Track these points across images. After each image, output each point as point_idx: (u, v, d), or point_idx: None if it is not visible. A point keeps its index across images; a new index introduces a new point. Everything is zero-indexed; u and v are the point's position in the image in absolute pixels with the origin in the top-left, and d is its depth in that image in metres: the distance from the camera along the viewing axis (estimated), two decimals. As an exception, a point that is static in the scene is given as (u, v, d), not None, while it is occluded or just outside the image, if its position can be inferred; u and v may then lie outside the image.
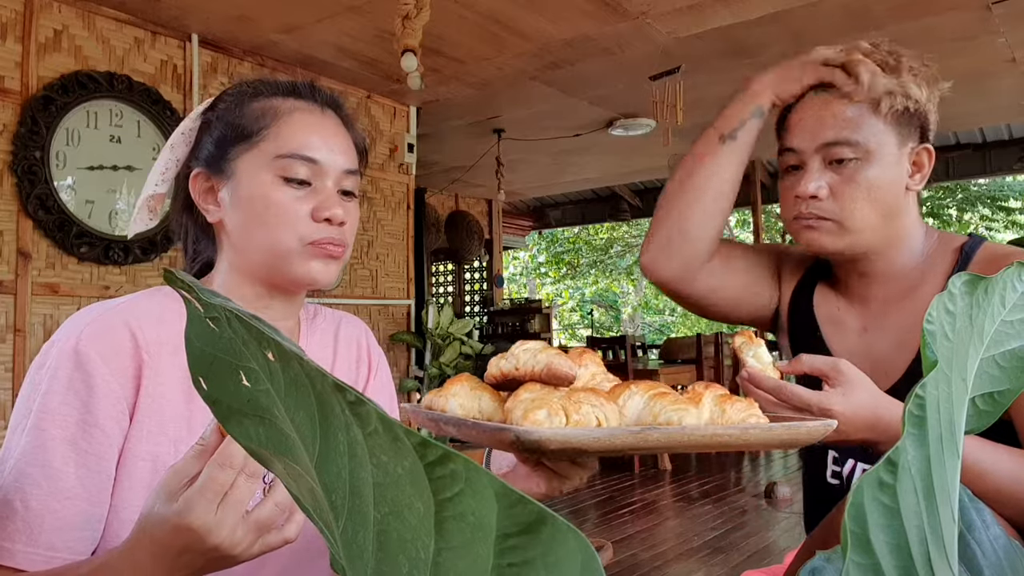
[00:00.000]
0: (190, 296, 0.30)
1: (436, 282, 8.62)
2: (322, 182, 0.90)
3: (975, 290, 0.30)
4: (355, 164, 0.94)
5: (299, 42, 3.72)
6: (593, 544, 1.10)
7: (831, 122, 0.99)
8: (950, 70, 4.90)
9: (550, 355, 0.64)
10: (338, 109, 0.96)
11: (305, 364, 0.23)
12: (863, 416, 0.84)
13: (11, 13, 2.99)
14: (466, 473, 0.19)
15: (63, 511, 0.75)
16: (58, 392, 0.77)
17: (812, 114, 1.01)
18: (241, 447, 0.29)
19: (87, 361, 0.78)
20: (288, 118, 0.90)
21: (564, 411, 0.57)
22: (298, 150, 0.88)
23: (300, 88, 0.94)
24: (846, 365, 0.85)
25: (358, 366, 1.06)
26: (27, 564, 0.73)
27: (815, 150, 1.00)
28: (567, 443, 0.54)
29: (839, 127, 0.99)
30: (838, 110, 0.99)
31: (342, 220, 0.90)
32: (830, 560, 0.36)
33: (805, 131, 1.01)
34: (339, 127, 0.94)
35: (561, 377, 0.62)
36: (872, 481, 0.22)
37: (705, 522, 4.17)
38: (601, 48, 3.86)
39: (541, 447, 0.53)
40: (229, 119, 0.91)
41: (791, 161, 1.03)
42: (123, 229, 3.28)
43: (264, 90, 0.93)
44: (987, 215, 11.60)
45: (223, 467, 0.63)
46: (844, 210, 0.99)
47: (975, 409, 0.33)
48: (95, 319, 0.82)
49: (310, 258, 0.88)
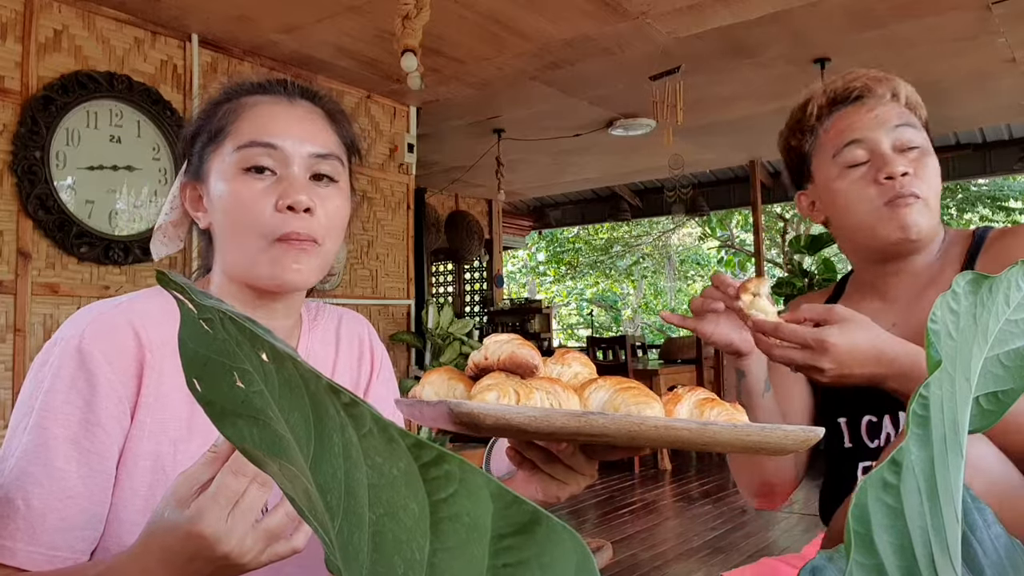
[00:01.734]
0: (183, 297, 0.30)
1: (436, 282, 8.62)
2: (287, 170, 0.85)
3: (979, 289, 0.29)
4: (328, 148, 0.89)
5: (299, 42, 3.72)
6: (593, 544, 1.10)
7: (891, 114, 1.07)
8: (950, 70, 4.91)
9: (514, 345, 0.63)
10: (314, 99, 0.93)
11: (299, 365, 0.23)
12: (863, 349, 0.86)
13: (11, 13, 2.99)
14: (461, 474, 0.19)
15: (65, 510, 0.75)
16: (61, 391, 0.77)
17: (865, 113, 1.07)
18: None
19: (90, 360, 0.78)
20: (251, 111, 0.88)
21: (516, 395, 0.56)
22: (256, 137, 0.85)
23: (268, 84, 0.92)
24: (841, 307, 0.88)
25: (360, 363, 1.04)
26: (29, 563, 0.73)
27: (885, 135, 1.05)
28: (501, 419, 0.52)
29: (900, 116, 1.07)
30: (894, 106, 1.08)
31: (307, 206, 0.83)
32: (832, 560, 0.36)
33: (869, 122, 1.06)
34: (311, 115, 0.90)
35: (523, 365, 0.62)
36: (876, 481, 0.22)
37: (705, 522, 4.17)
38: (601, 48, 3.85)
39: (474, 420, 0.51)
40: (203, 125, 0.91)
41: (859, 153, 1.06)
42: (123, 229, 3.28)
43: (234, 92, 0.92)
44: (987, 215, 11.60)
45: (236, 475, 0.63)
46: (930, 188, 1.05)
47: (979, 409, 0.33)
48: (97, 317, 0.81)
49: (279, 256, 0.84)
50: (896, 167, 1.03)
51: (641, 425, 0.54)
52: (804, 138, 1.15)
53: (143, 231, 3.33)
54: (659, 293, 16.41)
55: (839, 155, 1.08)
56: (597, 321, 15.88)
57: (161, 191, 3.41)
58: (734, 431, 0.56)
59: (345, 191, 0.92)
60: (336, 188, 0.90)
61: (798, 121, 1.16)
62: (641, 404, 0.58)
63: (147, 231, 3.34)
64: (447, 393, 0.65)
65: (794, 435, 0.57)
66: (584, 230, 14.59)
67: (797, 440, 0.57)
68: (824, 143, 1.12)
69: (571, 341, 15.43)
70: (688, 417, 0.60)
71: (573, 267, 15.91)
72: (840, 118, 1.10)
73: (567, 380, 0.67)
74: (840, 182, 1.08)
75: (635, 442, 0.56)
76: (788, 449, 0.58)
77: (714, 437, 0.56)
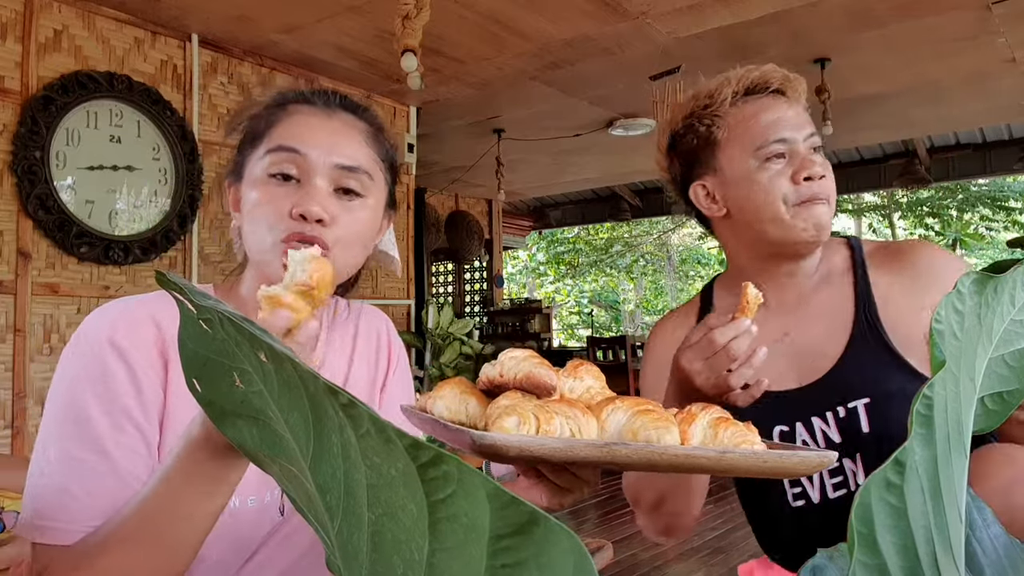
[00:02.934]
0: (183, 298, 0.29)
1: (436, 282, 8.62)
2: (310, 178, 0.85)
3: (984, 289, 0.29)
4: (356, 161, 0.88)
5: (299, 42, 3.71)
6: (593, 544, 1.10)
7: (804, 117, 1.10)
8: (950, 70, 4.90)
9: (531, 364, 0.63)
10: (355, 112, 0.93)
11: (298, 366, 0.23)
12: None
13: (11, 13, 2.99)
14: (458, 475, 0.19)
15: (118, 492, 0.76)
16: (99, 381, 0.79)
17: (786, 110, 1.09)
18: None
19: (123, 351, 0.80)
20: (289, 118, 0.89)
21: (536, 420, 0.56)
22: (284, 142, 0.86)
23: (311, 94, 0.93)
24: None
25: (377, 358, 1.05)
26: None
27: (803, 140, 1.07)
28: (524, 450, 0.52)
29: (809, 123, 1.10)
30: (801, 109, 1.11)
31: (319, 217, 0.82)
32: (832, 559, 0.36)
33: (791, 120, 1.08)
34: (346, 127, 0.90)
35: (541, 386, 0.62)
36: (879, 481, 0.22)
37: (705, 522, 4.16)
38: (601, 48, 3.85)
39: (498, 452, 0.52)
40: (246, 128, 0.93)
41: (780, 150, 1.07)
42: (123, 229, 3.28)
43: (280, 99, 0.93)
44: (987, 215, 11.60)
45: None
46: (833, 193, 1.08)
47: (984, 409, 0.33)
48: (123, 311, 0.84)
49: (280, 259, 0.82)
50: (815, 168, 1.05)
51: (663, 454, 0.55)
52: (713, 124, 1.11)
53: (143, 231, 3.33)
54: (660, 293, 16.42)
55: (764, 148, 1.06)
56: (597, 321, 15.88)
57: (161, 191, 3.41)
58: (752, 458, 0.57)
59: (374, 207, 0.90)
60: (362, 203, 0.88)
61: (705, 107, 1.12)
62: (660, 429, 0.59)
63: (147, 231, 3.34)
64: (459, 408, 0.65)
65: (808, 460, 0.58)
66: (584, 230, 14.60)
67: (811, 465, 0.59)
68: (741, 134, 1.08)
69: (571, 341, 15.42)
70: (702, 437, 0.62)
71: (573, 267, 15.91)
72: (762, 110, 1.08)
73: (580, 395, 0.67)
74: (760, 174, 1.06)
75: (655, 469, 0.57)
76: (802, 473, 0.59)
77: (733, 464, 0.57)
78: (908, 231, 12.55)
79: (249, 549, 0.86)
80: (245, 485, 0.84)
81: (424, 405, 0.67)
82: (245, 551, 0.86)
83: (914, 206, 11.58)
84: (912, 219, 12.03)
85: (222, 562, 0.84)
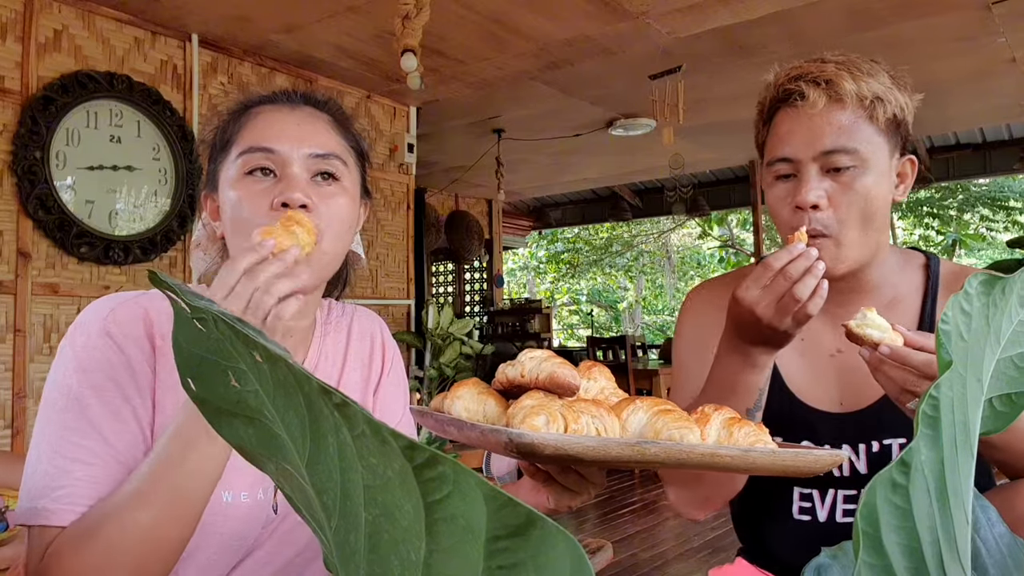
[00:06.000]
0: (176, 297, 0.29)
1: (436, 282, 8.62)
2: (286, 170, 0.86)
3: (992, 290, 0.29)
4: (328, 149, 0.89)
5: (299, 42, 3.71)
6: (593, 544, 1.10)
7: (827, 129, 0.95)
8: (950, 70, 4.89)
9: (554, 364, 0.63)
10: (316, 104, 0.94)
11: (292, 366, 0.23)
12: None
13: (11, 13, 2.99)
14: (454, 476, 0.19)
15: (118, 475, 0.78)
16: (95, 367, 0.81)
17: (805, 122, 0.97)
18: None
19: (118, 339, 0.83)
20: (254, 120, 0.90)
21: (563, 419, 0.57)
22: (255, 142, 0.87)
23: (273, 95, 0.94)
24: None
25: (371, 360, 1.05)
26: None
27: (812, 159, 0.96)
28: (560, 449, 0.53)
29: (836, 134, 0.95)
30: (833, 117, 0.96)
31: (302, 203, 0.83)
32: (835, 558, 0.35)
33: (800, 140, 0.97)
34: (311, 119, 0.91)
35: (564, 386, 0.62)
36: (885, 482, 0.22)
37: (705, 522, 4.16)
38: (601, 48, 3.85)
39: (534, 450, 0.53)
40: (214, 137, 0.94)
41: (785, 171, 0.98)
42: (123, 229, 3.28)
43: (242, 104, 0.94)
44: (987, 215, 11.60)
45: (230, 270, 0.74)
46: (840, 222, 0.96)
47: (992, 410, 0.33)
48: (119, 304, 0.86)
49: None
50: (808, 196, 0.94)
51: (690, 453, 0.58)
52: (762, 122, 1.06)
53: (143, 231, 3.33)
54: (659, 292, 16.43)
55: (771, 166, 1.01)
56: (597, 321, 15.89)
57: (161, 191, 3.41)
58: (773, 456, 0.60)
59: (350, 192, 0.91)
60: (339, 187, 0.89)
61: (759, 112, 1.07)
62: (683, 429, 0.61)
63: (147, 231, 3.34)
64: (478, 409, 0.65)
65: (823, 459, 0.62)
66: (584, 230, 14.61)
67: (825, 463, 0.62)
68: (768, 143, 1.03)
69: (571, 341, 15.43)
70: (717, 436, 0.65)
71: (573, 267, 15.93)
72: (780, 122, 1.01)
73: (594, 395, 0.69)
74: (770, 191, 1.02)
75: (682, 467, 0.60)
76: (816, 471, 0.62)
77: (754, 462, 0.60)
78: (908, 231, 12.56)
79: (242, 546, 0.86)
80: (238, 480, 0.84)
81: (440, 406, 0.67)
82: (238, 548, 0.86)
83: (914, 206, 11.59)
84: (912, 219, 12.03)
85: (216, 560, 0.84)
